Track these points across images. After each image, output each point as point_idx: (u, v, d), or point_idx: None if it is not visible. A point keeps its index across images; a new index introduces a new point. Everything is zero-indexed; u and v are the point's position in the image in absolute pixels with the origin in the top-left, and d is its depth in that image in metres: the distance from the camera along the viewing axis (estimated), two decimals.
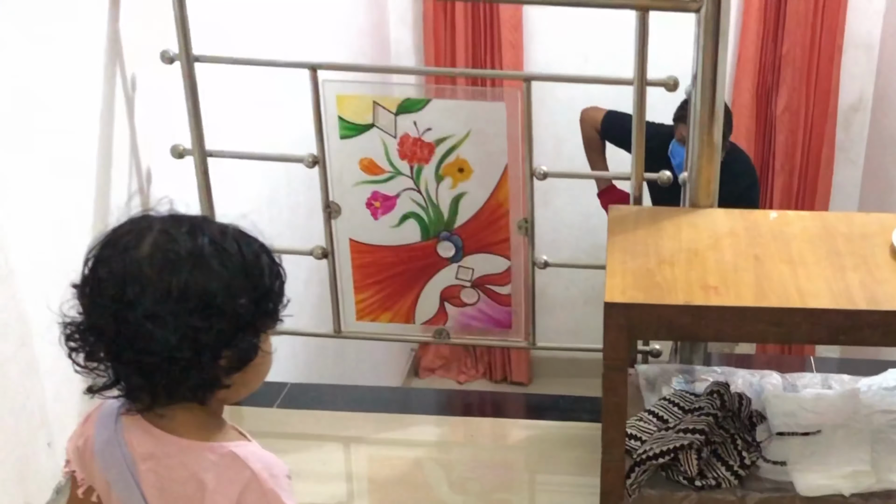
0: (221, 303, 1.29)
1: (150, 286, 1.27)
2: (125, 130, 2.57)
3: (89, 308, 1.32)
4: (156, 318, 1.26)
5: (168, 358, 1.28)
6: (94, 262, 1.33)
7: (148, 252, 1.29)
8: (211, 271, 1.29)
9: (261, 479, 1.33)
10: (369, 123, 2.66)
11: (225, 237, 1.33)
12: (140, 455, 1.37)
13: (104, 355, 1.32)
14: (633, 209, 2.61)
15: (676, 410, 2.50)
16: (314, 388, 3.25)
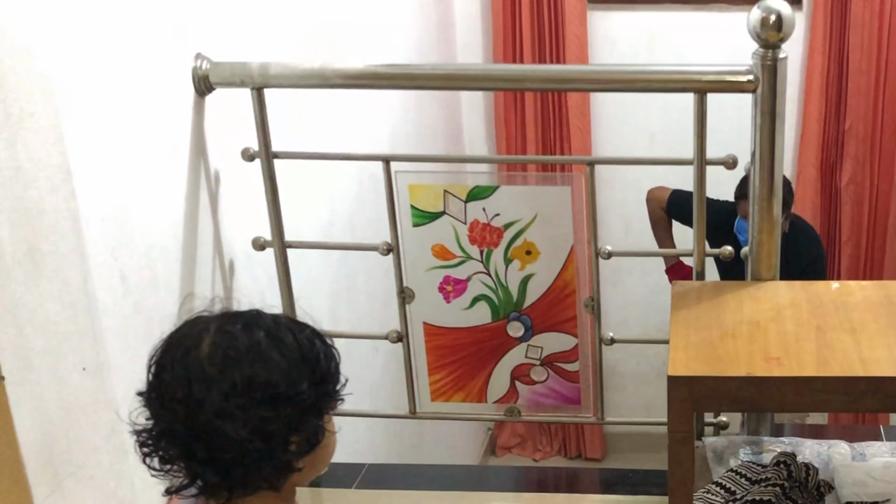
0: (284, 391, 1.33)
1: (215, 384, 1.31)
2: (209, 224, 2.68)
3: (158, 412, 1.36)
4: (225, 415, 1.30)
5: (241, 451, 1.32)
6: (157, 368, 1.38)
7: (208, 352, 1.33)
8: (270, 362, 1.34)
9: None
10: (440, 211, 2.75)
11: (279, 327, 1.38)
12: None
13: (178, 457, 1.35)
14: (695, 284, 2.65)
15: (743, 482, 2.51)
16: (392, 469, 3.30)
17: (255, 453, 1.33)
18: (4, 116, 1.84)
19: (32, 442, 1.94)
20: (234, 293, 2.76)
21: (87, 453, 2.12)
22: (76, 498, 2.09)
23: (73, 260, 2.06)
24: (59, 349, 2.02)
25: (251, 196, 2.80)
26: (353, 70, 2.68)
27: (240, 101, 2.65)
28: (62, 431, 2.03)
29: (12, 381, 1.88)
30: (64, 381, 2.03)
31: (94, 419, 2.14)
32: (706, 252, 2.74)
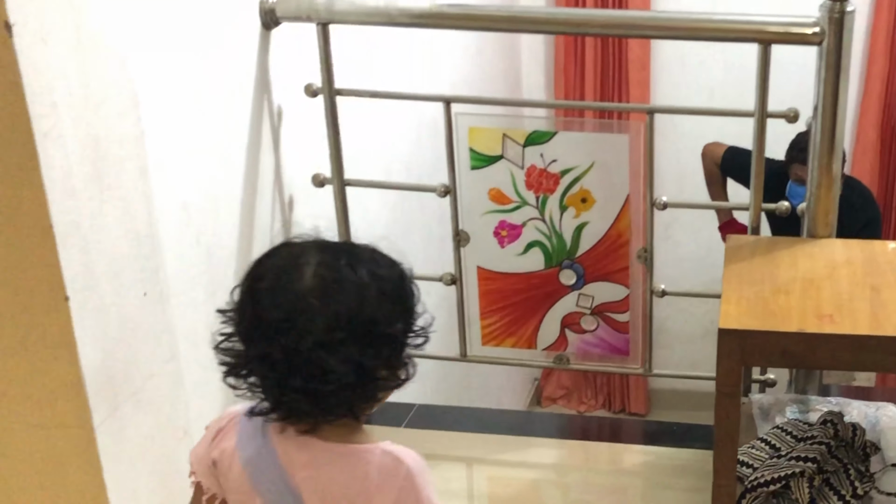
0: (382, 328, 1.36)
1: (319, 316, 1.33)
2: (270, 159, 2.71)
3: (253, 337, 1.37)
4: (326, 347, 1.32)
5: (337, 383, 1.34)
6: (254, 293, 1.38)
7: (312, 284, 1.34)
8: (371, 299, 1.36)
9: (414, 473, 1.43)
10: (498, 155, 2.76)
11: (379, 265, 1.41)
12: (299, 464, 1.43)
13: (272, 382, 1.36)
14: (750, 239, 2.64)
15: (789, 439, 2.51)
16: (440, 410, 3.34)
17: (349, 386, 1.35)
18: (75, 42, 1.87)
19: (93, 363, 1.98)
20: (292, 228, 2.79)
21: (145, 378, 2.16)
22: (132, 421, 2.13)
23: (138, 186, 2.09)
24: (122, 273, 2.05)
25: (313, 133, 2.82)
26: (418, 9, 2.68)
27: (305, 36, 2.67)
28: (122, 355, 2.07)
29: (76, 302, 1.92)
30: (125, 306, 2.07)
31: (154, 345, 2.18)
32: (762, 207, 2.72)
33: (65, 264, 1.87)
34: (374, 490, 1.41)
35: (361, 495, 1.42)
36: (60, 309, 1.90)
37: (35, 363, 1.96)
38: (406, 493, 1.42)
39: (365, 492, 1.41)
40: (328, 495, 1.43)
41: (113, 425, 2.06)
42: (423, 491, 1.43)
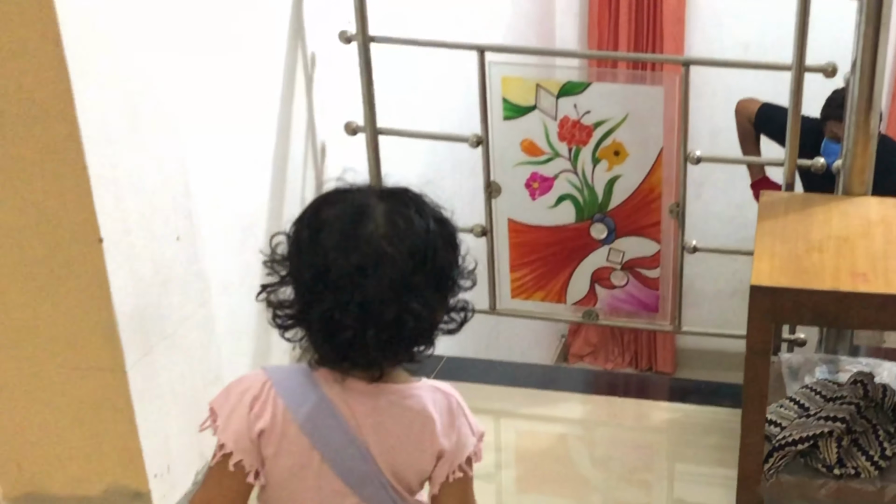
0: (448, 273, 1.38)
1: (394, 263, 1.32)
2: (303, 105, 2.70)
3: (317, 290, 1.33)
4: (403, 293, 1.32)
5: (409, 329, 1.34)
6: (315, 245, 1.34)
7: (385, 232, 1.33)
8: (439, 244, 1.37)
9: (461, 403, 1.49)
10: (531, 105, 2.74)
11: (439, 211, 1.41)
12: (361, 412, 1.42)
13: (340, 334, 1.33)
14: (784, 195, 2.62)
15: (818, 399, 2.50)
16: (468, 363, 3.32)
17: (416, 331, 1.36)
18: None
19: (126, 305, 2.00)
20: (323, 176, 2.79)
21: (177, 322, 2.18)
22: (164, 364, 2.15)
23: (171, 131, 2.10)
24: (155, 217, 2.07)
25: (346, 81, 2.81)
26: None
27: None
28: (154, 298, 2.09)
29: (110, 244, 1.93)
30: (158, 249, 2.08)
31: (186, 289, 2.20)
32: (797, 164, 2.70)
33: (99, 206, 1.88)
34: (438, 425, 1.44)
35: (427, 431, 1.45)
36: (94, 251, 1.92)
37: (68, 305, 1.98)
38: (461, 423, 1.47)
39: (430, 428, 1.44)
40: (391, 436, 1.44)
41: (145, 368, 2.08)
42: (469, 416, 1.49)
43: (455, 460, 1.48)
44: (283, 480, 1.46)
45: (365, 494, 1.45)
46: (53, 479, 2.18)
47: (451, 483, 1.49)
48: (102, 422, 2.09)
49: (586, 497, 2.61)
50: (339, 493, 1.46)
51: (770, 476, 2.32)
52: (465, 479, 1.50)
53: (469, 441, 1.49)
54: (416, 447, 1.45)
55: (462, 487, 1.51)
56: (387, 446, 1.45)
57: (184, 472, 2.27)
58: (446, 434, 1.45)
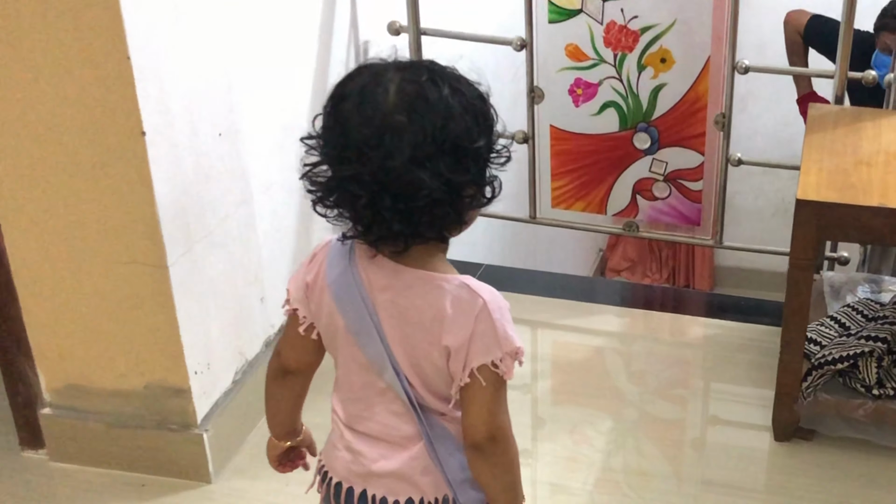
0: (467, 144, 1.34)
1: (407, 133, 1.31)
2: (346, 3, 2.67)
3: (339, 160, 1.34)
4: (416, 163, 1.30)
5: (429, 200, 1.32)
6: (337, 115, 1.35)
7: (396, 101, 1.32)
8: (456, 115, 1.33)
9: (490, 309, 1.39)
10: (578, 9, 2.70)
11: (460, 82, 1.37)
12: (378, 287, 1.42)
13: (362, 204, 1.33)
14: (834, 108, 2.58)
15: (859, 318, 2.48)
16: (507, 272, 3.33)
17: (441, 202, 1.34)
18: None
19: (168, 201, 2.00)
20: None
21: (219, 220, 2.18)
22: (206, 261, 2.16)
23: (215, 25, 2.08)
24: (198, 112, 2.06)
25: None
26: None
27: None
28: (196, 195, 2.09)
29: (153, 138, 1.93)
30: (201, 145, 2.08)
31: (228, 186, 2.20)
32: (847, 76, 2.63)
33: (142, 99, 1.88)
34: (448, 320, 1.40)
35: (436, 322, 1.41)
36: (137, 144, 1.92)
37: (111, 198, 1.99)
38: (482, 327, 1.39)
39: (439, 320, 1.40)
40: (404, 319, 1.43)
41: (186, 264, 2.09)
42: (499, 324, 1.39)
43: (467, 362, 1.40)
44: (328, 343, 1.51)
45: (385, 378, 1.45)
46: (94, 373, 2.21)
47: (464, 389, 1.42)
48: (144, 317, 2.11)
49: (621, 410, 2.62)
50: (366, 369, 1.47)
51: (808, 395, 2.32)
52: (480, 389, 1.41)
53: (489, 348, 1.40)
54: (427, 338, 1.42)
55: (478, 397, 1.42)
56: (399, 330, 1.44)
57: (224, 370, 2.30)
58: (453, 331, 1.40)
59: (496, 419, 1.44)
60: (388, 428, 1.48)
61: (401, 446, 1.48)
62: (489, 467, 1.46)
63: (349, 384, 1.50)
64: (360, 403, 1.49)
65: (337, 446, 1.52)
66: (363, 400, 1.49)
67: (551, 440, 2.48)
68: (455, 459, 1.48)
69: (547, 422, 2.58)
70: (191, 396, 2.18)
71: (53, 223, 2.04)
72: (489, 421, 1.43)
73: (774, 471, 2.38)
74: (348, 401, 1.51)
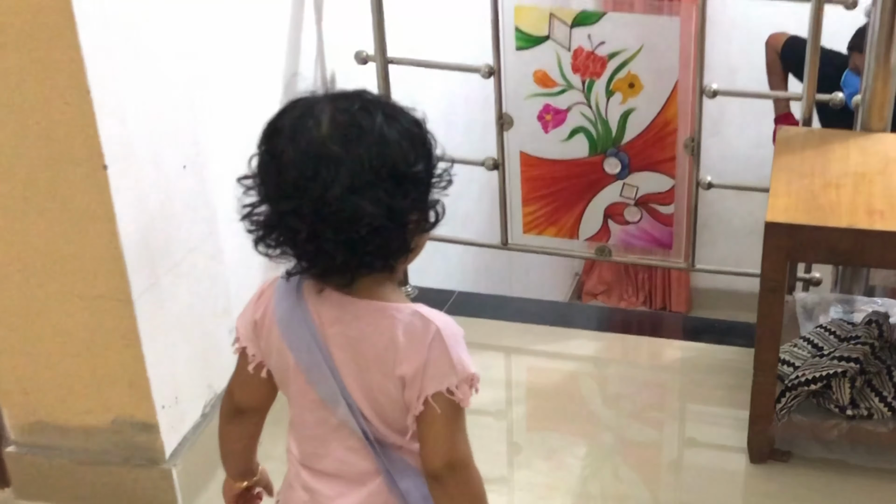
0: (405, 169, 1.34)
1: (344, 162, 1.30)
2: (313, 34, 2.66)
3: (277, 197, 1.34)
4: (354, 192, 1.30)
5: (371, 229, 1.31)
6: (272, 151, 1.34)
7: (329, 131, 1.31)
8: (391, 142, 1.33)
9: (444, 335, 1.39)
10: (545, 35, 2.69)
11: (394, 109, 1.38)
12: (328, 321, 1.41)
13: (303, 239, 1.33)
14: (801, 131, 2.59)
15: (832, 338, 2.48)
16: (481, 298, 3.33)
17: (384, 230, 1.33)
18: None
19: (132, 235, 1.98)
20: None
21: (186, 252, 2.17)
22: (172, 294, 2.14)
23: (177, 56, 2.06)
24: (161, 145, 2.04)
25: (356, 9, 2.77)
26: None
27: None
28: (161, 228, 2.07)
29: (115, 172, 1.91)
30: (165, 177, 2.06)
31: (193, 218, 2.18)
32: (815, 99, 2.65)
33: (103, 132, 1.86)
34: (401, 349, 1.39)
35: (389, 352, 1.40)
36: (99, 178, 1.90)
37: (74, 233, 1.97)
38: (436, 354, 1.38)
39: (393, 350, 1.39)
40: (357, 352, 1.42)
41: (152, 298, 2.07)
42: (453, 351, 1.39)
43: (422, 391, 1.39)
44: (280, 381, 1.50)
45: (339, 414, 1.44)
46: (60, 409, 2.18)
47: (420, 418, 1.40)
48: (109, 352, 2.09)
49: (597, 435, 2.61)
50: (318, 406, 1.45)
51: (782, 416, 2.32)
52: (436, 417, 1.39)
53: (444, 375, 1.39)
54: (381, 369, 1.41)
55: (434, 425, 1.40)
56: (352, 363, 1.42)
57: (192, 403, 2.27)
58: (407, 360, 1.39)
59: (454, 447, 1.42)
60: (345, 464, 1.46)
61: (359, 482, 1.47)
62: (449, 498, 1.44)
63: (303, 422, 1.49)
64: (314, 441, 1.48)
65: (294, 486, 1.51)
66: (318, 437, 1.48)
67: (527, 467, 2.46)
68: (419, 492, 1.46)
69: (523, 448, 2.57)
70: (158, 431, 2.15)
71: (16, 258, 2.02)
72: (447, 449, 1.41)
73: (750, 493, 2.37)
74: (303, 439, 1.49)
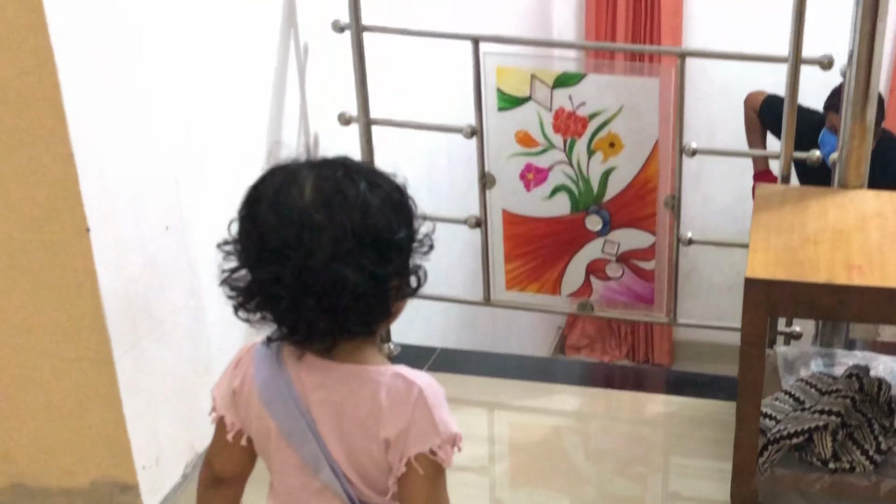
0: (387, 236, 1.35)
1: (327, 230, 1.31)
2: (296, 95, 2.69)
3: (258, 264, 1.34)
4: (340, 260, 1.30)
5: (353, 295, 1.32)
6: (253, 218, 1.35)
7: (313, 199, 1.32)
8: (374, 209, 1.34)
9: (427, 395, 1.39)
10: (526, 96, 2.72)
11: (377, 176, 1.38)
12: (310, 387, 1.41)
13: (284, 306, 1.33)
14: (780, 188, 2.61)
15: (813, 392, 2.48)
16: (463, 354, 3.32)
17: (366, 296, 1.34)
18: None
19: (114, 296, 1.98)
20: None
21: (167, 313, 2.16)
22: (154, 354, 2.14)
23: (161, 119, 2.08)
24: (144, 207, 2.05)
25: (339, 70, 2.79)
26: None
27: None
28: (143, 289, 2.07)
29: (97, 233, 1.91)
30: (147, 239, 2.07)
31: (175, 279, 2.18)
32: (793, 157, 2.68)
33: (86, 195, 1.87)
34: (385, 412, 1.39)
35: (372, 416, 1.40)
36: (81, 240, 1.90)
37: (56, 295, 1.97)
38: (419, 415, 1.39)
39: (376, 413, 1.40)
40: (340, 416, 1.42)
41: (134, 359, 2.07)
42: (436, 411, 1.40)
43: (404, 452, 1.39)
44: (260, 447, 1.49)
45: (322, 477, 1.43)
46: (41, 471, 2.17)
47: (402, 479, 1.40)
48: (90, 413, 2.08)
49: (581, 490, 2.60)
50: (301, 470, 1.45)
51: (764, 470, 2.31)
52: (418, 478, 1.40)
53: (427, 436, 1.39)
54: (365, 433, 1.41)
55: (416, 486, 1.41)
56: (336, 428, 1.42)
57: (173, 464, 2.26)
58: (392, 421, 1.39)
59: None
60: None
61: None
62: None
63: (285, 486, 1.48)
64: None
65: None
66: (300, 501, 1.47)
67: None
68: None
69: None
70: (139, 492, 2.14)
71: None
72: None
73: None
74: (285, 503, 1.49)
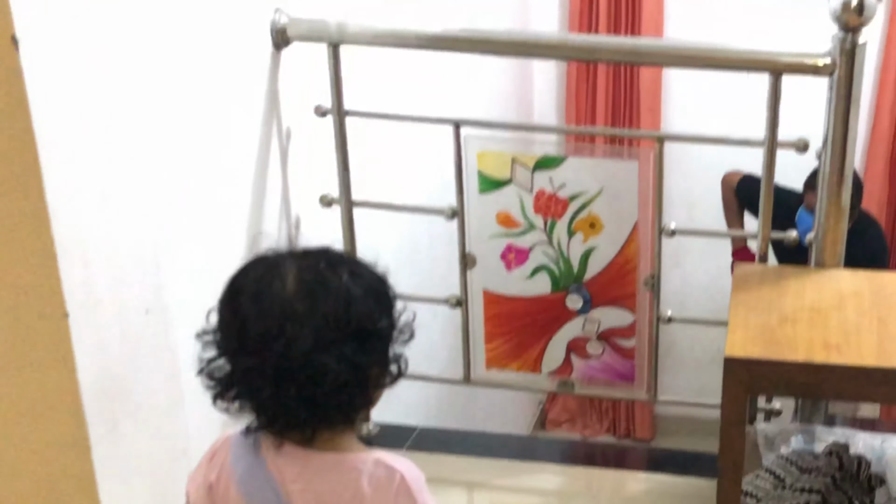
0: (369, 326, 1.36)
1: (309, 321, 1.32)
2: (278, 178, 2.70)
3: (238, 354, 1.36)
4: (321, 350, 1.32)
5: (334, 386, 1.33)
6: (234, 309, 1.37)
7: (295, 290, 1.34)
8: (357, 299, 1.36)
9: (409, 480, 1.40)
10: (507, 179, 2.76)
11: (358, 266, 1.41)
12: (290, 478, 1.41)
13: (264, 396, 1.35)
14: (758, 267, 2.64)
15: (794, 469, 2.49)
16: (442, 434, 3.31)
17: (347, 385, 1.34)
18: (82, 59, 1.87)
19: (92, 381, 1.96)
20: None
21: (145, 395, 2.15)
22: (131, 438, 2.11)
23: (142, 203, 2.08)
24: (124, 291, 2.04)
25: (321, 153, 2.82)
26: (429, 33, 2.69)
27: (315, 57, 2.67)
28: (122, 372, 2.06)
29: (76, 319, 1.90)
30: (127, 323, 2.06)
31: (155, 362, 2.17)
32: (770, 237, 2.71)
33: (65, 279, 1.86)
34: (368, 501, 1.39)
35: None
36: (59, 326, 1.89)
37: (32, 380, 1.95)
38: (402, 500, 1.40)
39: (359, 502, 1.40)
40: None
41: (110, 443, 2.04)
42: (419, 496, 1.41)
43: None
44: None
45: None
46: None
47: None
48: (65, 498, 2.05)
49: None
50: None
51: None
52: None
53: None
54: None
55: None
56: None
57: None
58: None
59: None
60: None
61: None
62: None
63: None
64: None
65: None
66: None
67: None
68: None
69: None
70: None
71: None
72: None
73: None
74: None
